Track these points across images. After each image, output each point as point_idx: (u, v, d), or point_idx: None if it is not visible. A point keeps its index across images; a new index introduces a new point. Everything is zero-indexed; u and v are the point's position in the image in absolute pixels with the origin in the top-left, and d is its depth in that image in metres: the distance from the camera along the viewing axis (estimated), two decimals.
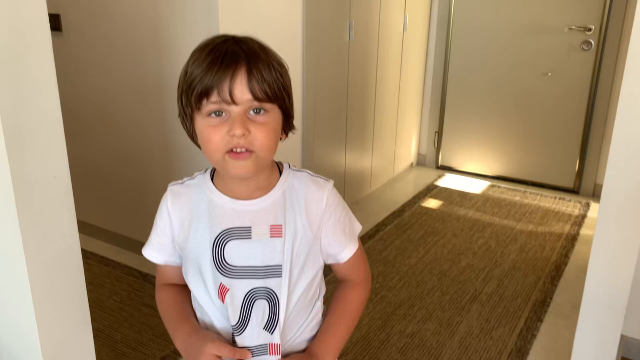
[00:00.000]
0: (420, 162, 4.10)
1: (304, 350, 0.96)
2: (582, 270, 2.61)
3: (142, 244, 3.12)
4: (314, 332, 0.97)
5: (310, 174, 0.95)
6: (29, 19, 0.98)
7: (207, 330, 0.93)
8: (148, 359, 2.00)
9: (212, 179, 0.93)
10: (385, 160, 3.54)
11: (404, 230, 3.02)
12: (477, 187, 3.70)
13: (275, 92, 0.82)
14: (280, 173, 0.93)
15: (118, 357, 2.00)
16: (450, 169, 3.99)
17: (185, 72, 0.85)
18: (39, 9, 1.00)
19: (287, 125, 0.89)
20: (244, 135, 0.80)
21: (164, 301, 0.99)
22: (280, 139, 0.89)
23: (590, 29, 3.28)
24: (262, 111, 0.82)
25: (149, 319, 2.23)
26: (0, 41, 0.94)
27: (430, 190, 3.63)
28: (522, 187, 3.69)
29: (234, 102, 0.80)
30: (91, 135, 2.69)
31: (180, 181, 0.96)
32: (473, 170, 3.91)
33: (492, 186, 3.71)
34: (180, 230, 0.92)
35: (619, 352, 1.83)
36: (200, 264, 0.90)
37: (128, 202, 2.71)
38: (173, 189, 0.95)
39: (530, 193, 3.59)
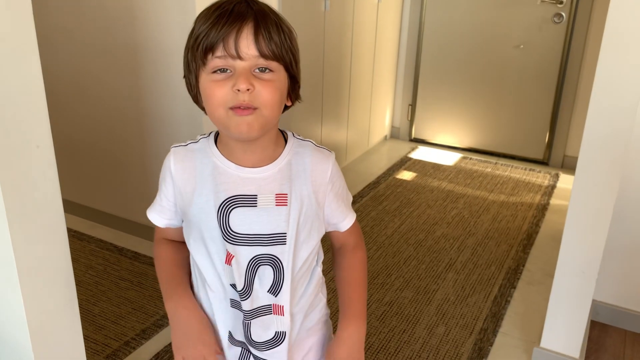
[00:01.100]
0: (394, 134, 4.12)
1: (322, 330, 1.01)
2: (553, 239, 2.70)
3: (115, 218, 3.08)
4: (315, 295, 0.99)
5: (314, 143, 0.95)
6: None
7: (200, 313, 0.94)
8: (128, 331, 1.99)
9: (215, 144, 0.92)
10: (360, 133, 3.55)
11: (379, 202, 3.05)
12: (449, 159, 3.75)
13: (282, 52, 0.81)
14: (286, 142, 0.93)
15: (98, 330, 1.99)
16: (423, 142, 4.03)
17: (192, 30, 0.84)
18: None
19: (293, 90, 0.88)
20: (248, 90, 0.79)
21: (162, 258, 0.99)
22: (286, 105, 0.89)
23: (561, 2, 3.32)
24: (267, 70, 0.81)
25: (127, 292, 2.21)
26: None
27: (405, 162, 3.66)
28: (493, 159, 3.75)
29: (239, 56, 0.79)
30: (62, 107, 2.61)
31: (183, 143, 0.94)
32: (446, 142, 3.95)
33: (464, 158, 3.77)
34: (183, 195, 0.91)
35: (589, 316, 1.91)
36: (202, 229, 0.89)
37: (101, 176, 2.66)
38: (176, 151, 0.93)
39: (502, 165, 3.66)
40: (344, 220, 0.98)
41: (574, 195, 1.67)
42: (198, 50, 0.81)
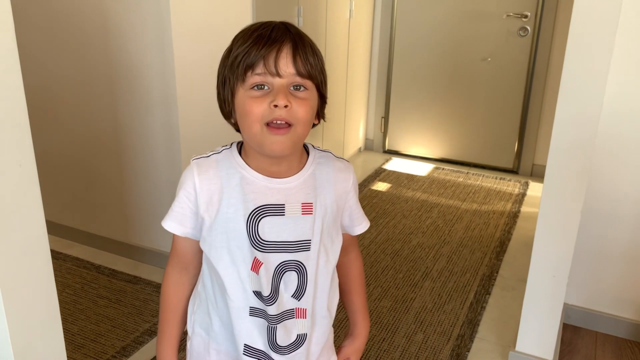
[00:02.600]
0: (368, 146, 4.18)
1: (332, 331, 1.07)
2: (525, 245, 2.77)
3: (91, 235, 3.05)
4: (333, 295, 1.04)
5: (333, 154, 1.01)
6: None
7: None
8: (108, 349, 1.98)
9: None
10: (334, 145, 3.60)
11: None
12: (422, 169, 3.82)
13: (316, 73, 0.88)
14: (307, 153, 0.98)
15: (76, 349, 1.97)
16: (396, 153, 4.10)
17: (229, 51, 0.88)
18: None
19: (321, 109, 0.93)
20: (286, 106, 0.84)
21: (166, 297, 1.05)
22: (314, 123, 0.93)
23: (526, 16, 3.44)
24: (302, 88, 0.87)
25: (105, 310, 2.20)
26: None
27: (379, 173, 3.72)
28: (464, 169, 3.84)
29: (278, 74, 0.84)
30: (37, 126, 2.59)
31: (205, 155, 0.96)
32: (418, 153, 4.03)
33: (437, 168, 3.85)
34: (208, 204, 0.92)
35: (561, 319, 1.97)
36: (229, 238, 0.92)
37: (77, 194, 2.64)
38: (199, 162, 0.94)
39: (473, 174, 3.75)
40: (360, 224, 1.05)
41: (543, 203, 1.73)
42: (238, 67, 0.85)
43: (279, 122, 0.85)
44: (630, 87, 1.90)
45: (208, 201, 0.93)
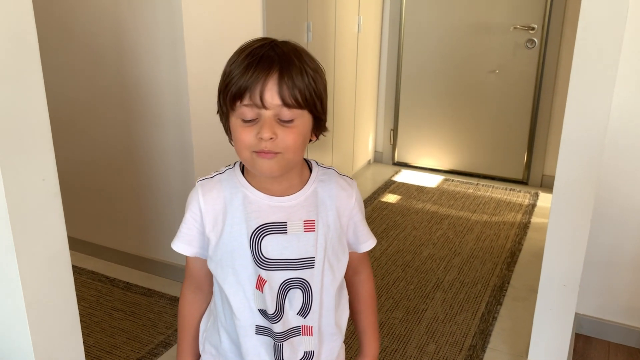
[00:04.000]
0: (377, 159, 4.21)
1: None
2: (535, 256, 2.78)
3: (107, 249, 3.09)
4: (342, 311, 1.05)
5: (336, 171, 1.02)
6: (18, 27, 1.00)
7: None
8: None
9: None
10: (344, 158, 3.63)
11: None
12: (432, 181, 3.84)
13: (306, 97, 0.86)
14: (310, 170, 0.99)
15: None
16: (406, 165, 4.12)
17: (224, 73, 0.89)
18: (27, 16, 1.02)
19: (317, 128, 0.93)
20: (271, 139, 0.85)
21: (182, 316, 1.08)
22: (311, 140, 0.94)
23: (533, 28, 3.47)
24: (290, 120, 0.86)
25: (121, 322, 2.23)
26: None
27: (389, 185, 3.74)
28: (474, 180, 3.85)
29: (264, 106, 0.84)
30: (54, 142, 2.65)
31: (209, 176, 0.98)
32: (428, 165, 4.05)
33: (447, 180, 3.86)
34: (214, 224, 0.95)
35: (573, 328, 1.97)
36: (234, 257, 0.94)
37: (92, 209, 2.69)
38: (203, 184, 0.97)
39: (483, 185, 3.76)
40: (367, 242, 1.05)
41: (553, 212, 1.75)
42: (228, 96, 0.87)
43: (265, 151, 0.86)
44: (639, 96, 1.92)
45: (213, 221, 0.95)
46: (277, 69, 0.85)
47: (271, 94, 0.84)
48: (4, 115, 1.00)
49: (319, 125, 0.94)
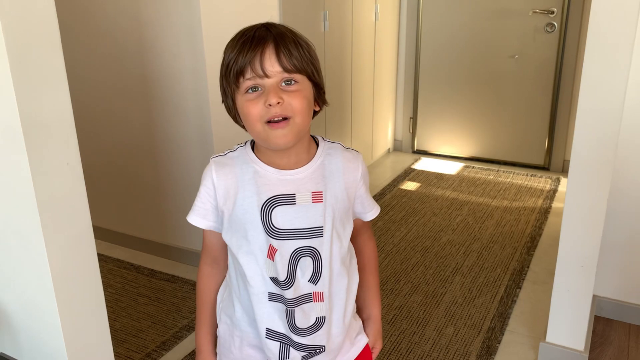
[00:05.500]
0: (397, 147, 4.22)
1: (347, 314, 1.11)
2: (556, 241, 2.77)
3: (131, 238, 3.17)
4: (352, 277, 1.09)
5: (342, 145, 1.07)
6: (41, 20, 1.05)
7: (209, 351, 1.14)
8: (149, 344, 2.07)
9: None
10: (363, 147, 3.65)
11: (385, 212, 3.13)
12: (452, 168, 3.84)
13: (303, 64, 0.93)
14: (317, 145, 1.04)
15: (119, 344, 2.07)
16: (425, 153, 4.12)
17: (223, 60, 0.96)
18: (49, 10, 1.07)
19: (319, 96, 0.99)
20: (278, 103, 0.90)
21: (200, 290, 1.13)
22: (315, 110, 1.00)
23: (553, 12, 3.44)
24: (292, 82, 0.93)
25: (146, 307, 2.29)
26: (18, 42, 1.01)
27: (408, 173, 3.75)
28: (495, 167, 3.84)
29: (266, 75, 0.90)
30: (78, 134, 2.72)
31: (222, 154, 1.04)
32: (447, 152, 4.05)
33: (467, 167, 3.86)
34: (226, 198, 1.00)
35: (592, 311, 1.97)
36: (246, 228, 0.99)
37: (116, 198, 2.76)
38: (216, 160, 1.03)
39: (503, 172, 3.75)
40: (371, 210, 1.11)
41: (569, 193, 1.75)
42: (230, 76, 0.93)
43: (276, 118, 0.92)
44: None
45: (225, 195, 1.00)
46: (272, 41, 0.91)
47: (270, 62, 0.90)
48: (28, 101, 1.05)
49: (319, 95, 0.99)
